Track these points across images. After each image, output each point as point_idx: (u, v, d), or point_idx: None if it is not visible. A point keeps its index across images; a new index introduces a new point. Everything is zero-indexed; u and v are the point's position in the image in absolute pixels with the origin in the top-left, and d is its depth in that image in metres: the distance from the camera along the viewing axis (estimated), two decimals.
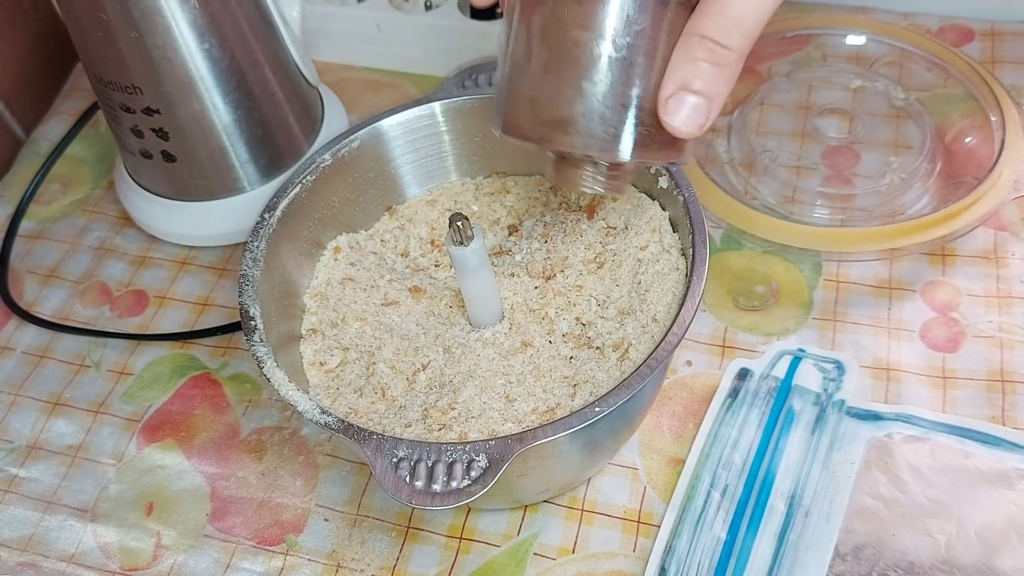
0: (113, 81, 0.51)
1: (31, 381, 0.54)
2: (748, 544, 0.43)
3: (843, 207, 0.55)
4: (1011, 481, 0.44)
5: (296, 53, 0.57)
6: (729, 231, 0.55)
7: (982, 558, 0.42)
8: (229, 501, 0.48)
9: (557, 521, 0.46)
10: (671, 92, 0.35)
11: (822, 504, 0.44)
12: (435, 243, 0.50)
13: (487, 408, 0.41)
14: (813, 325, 0.51)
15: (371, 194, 0.50)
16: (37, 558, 0.47)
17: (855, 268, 0.53)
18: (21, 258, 0.61)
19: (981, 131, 0.56)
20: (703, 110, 0.35)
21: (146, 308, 0.57)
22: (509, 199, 0.51)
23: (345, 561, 0.46)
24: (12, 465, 0.51)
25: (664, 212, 0.46)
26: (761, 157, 0.58)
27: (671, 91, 0.35)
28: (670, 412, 0.48)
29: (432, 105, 0.49)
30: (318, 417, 0.39)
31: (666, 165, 0.44)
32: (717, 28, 0.34)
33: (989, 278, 0.51)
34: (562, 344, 0.44)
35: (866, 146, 0.58)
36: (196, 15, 0.49)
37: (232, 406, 0.52)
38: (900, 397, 0.48)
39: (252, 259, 0.44)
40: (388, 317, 0.46)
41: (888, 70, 0.61)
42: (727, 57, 0.35)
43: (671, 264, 0.44)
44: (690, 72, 0.35)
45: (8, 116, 0.68)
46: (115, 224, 0.61)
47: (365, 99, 0.66)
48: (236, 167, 0.55)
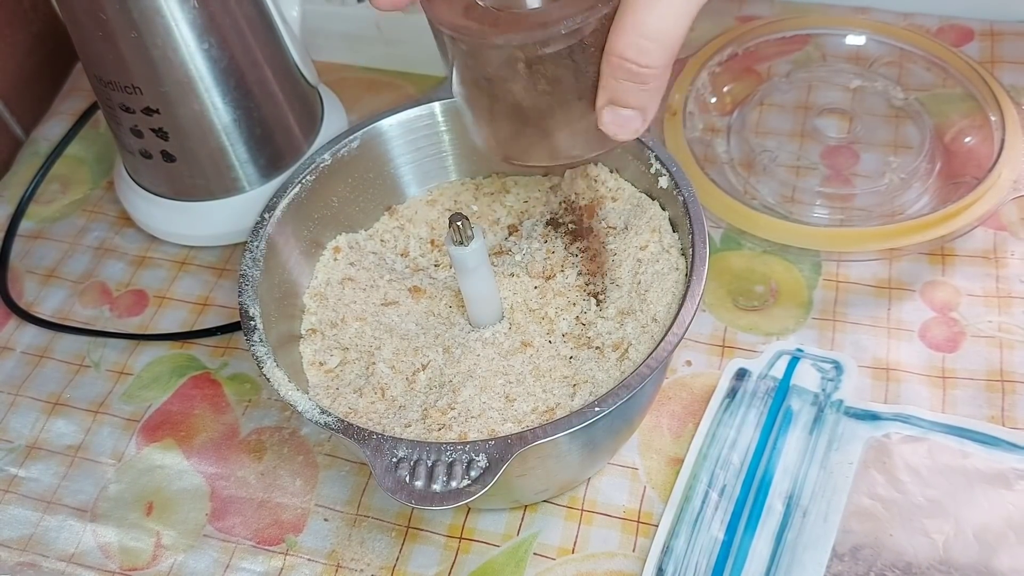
0: (113, 81, 0.51)
1: (31, 381, 0.54)
2: (746, 544, 0.43)
3: (843, 207, 0.55)
4: (1009, 481, 0.44)
5: (296, 53, 0.57)
6: (729, 231, 0.55)
7: (980, 558, 0.42)
8: (229, 501, 0.48)
9: (557, 521, 0.46)
10: (601, 105, 0.37)
11: (820, 504, 0.44)
12: (435, 243, 0.50)
13: (487, 408, 0.41)
14: (813, 325, 0.51)
15: (371, 194, 0.50)
16: (37, 558, 0.48)
17: (855, 268, 0.53)
18: (21, 258, 0.61)
19: (981, 131, 0.56)
20: (635, 119, 0.37)
21: (146, 308, 0.57)
22: (509, 199, 0.51)
23: (345, 561, 0.46)
24: (12, 465, 0.51)
25: (664, 212, 0.46)
26: (761, 157, 0.58)
27: (601, 104, 0.37)
28: (670, 412, 0.48)
29: (432, 105, 0.49)
30: (318, 417, 0.39)
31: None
32: (633, 48, 0.35)
33: (989, 278, 0.51)
34: (562, 344, 0.44)
35: (866, 146, 0.58)
36: (196, 15, 0.49)
37: (232, 406, 0.52)
38: (900, 397, 0.48)
39: (252, 259, 0.44)
40: (388, 317, 0.46)
41: (888, 70, 0.61)
42: (646, 74, 0.35)
43: (671, 264, 0.44)
44: (616, 89, 0.36)
45: (8, 116, 0.68)
46: (115, 224, 0.61)
47: (365, 99, 0.66)
48: (236, 167, 0.55)
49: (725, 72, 0.62)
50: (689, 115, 0.59)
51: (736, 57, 0.63)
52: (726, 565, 0.43)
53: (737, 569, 0.43)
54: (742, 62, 0.63)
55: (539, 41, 0.35)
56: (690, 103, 0.60)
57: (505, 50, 0.36)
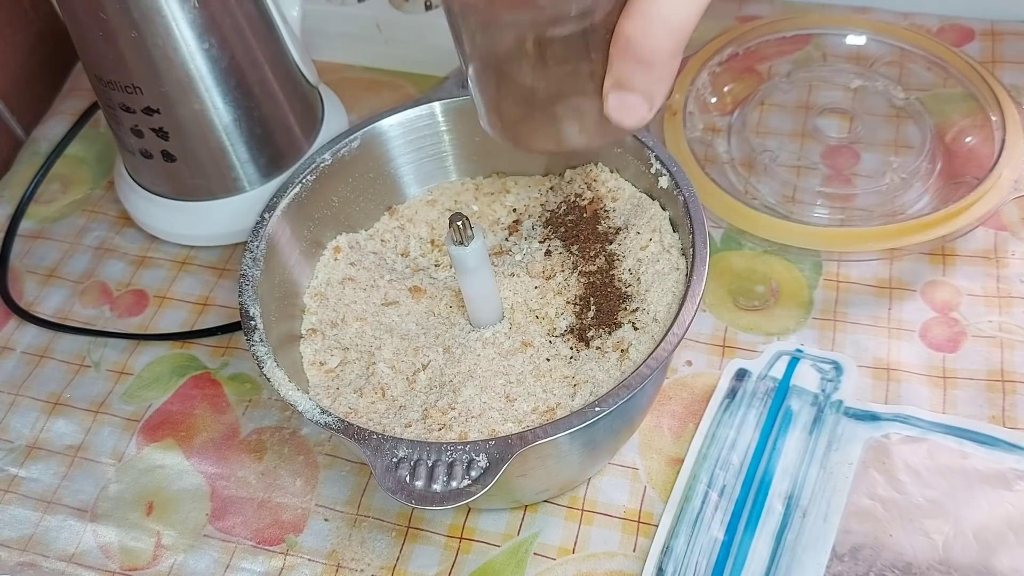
0: (113, 81, 0.51)
1: (31, 381, 0.54)
2: (745, 544, 0.43)
3: (843, 207, 0.55)
4: (1008, 482, 0.44)
5: (296, 53, 0.57)
6: (729, 231, 0.55)
7: (980, 558, 0.42)
8: (229, 501, 0.48)
9: (557, 521, 0.46)
10: (608, 90, 0.36)
11: (820, 504, 0.44)
12: (435, 243, 0.50)
13: (487, 408, 0.41)
14: (813, 325, 0.51)
15: (371, 194, 0.50)
16: (37, 558, 0.48)
17: (855, 268, 0.53)
18: (21, 258, 0.61)
19: (981, 131, 0.56)
20: (641, 106, 0.36)
21: (146, 308, 0.57)
22: (509, 199, 0.51)
23: (345, 561, 0.46)
24: (12, 465, 0.51)
25: (664, 212, 0.46)
26: (761, 157, 0.58)
27: (608, 89, 0.36)
28: (670, 412, 0.48)
29: (432, 105, 0.49)
30: (318, 417, 0.39)
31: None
32: (641, 30, 0.34)
33: (989, 278, 0.51)
34: (562, 344, 0.44)
35: (866, 146, 0.58)
36: (196, 15, 0.49)
37: (232, 406, 0.52)
38: (900, 397, 0.48)
39: (252, 259, 0.44)
40: (388, 317, 0.46)
41: (888, 70, 0.61)
42: (654, 58, 0.34)
43: (671, 264, 0.44)
44: (622, 72, 0.35)
45: (8, 116, 0.68)
46: (115, 224, 0.61)
47: (365, 99, 0.66)
48: (236, 167, 0.55)
49: (725, 72, 0.62)
50: (689, 115, 0.59)
51: (736, 57, 0.63)
52: (726, 565, 0.43)
53: (737, 569, 0.43)
54: (742, 62, 0.63)
55: (549, 20, 0.34)
56: (690, 103, 0.60)
57: (514, 28, 0.35)
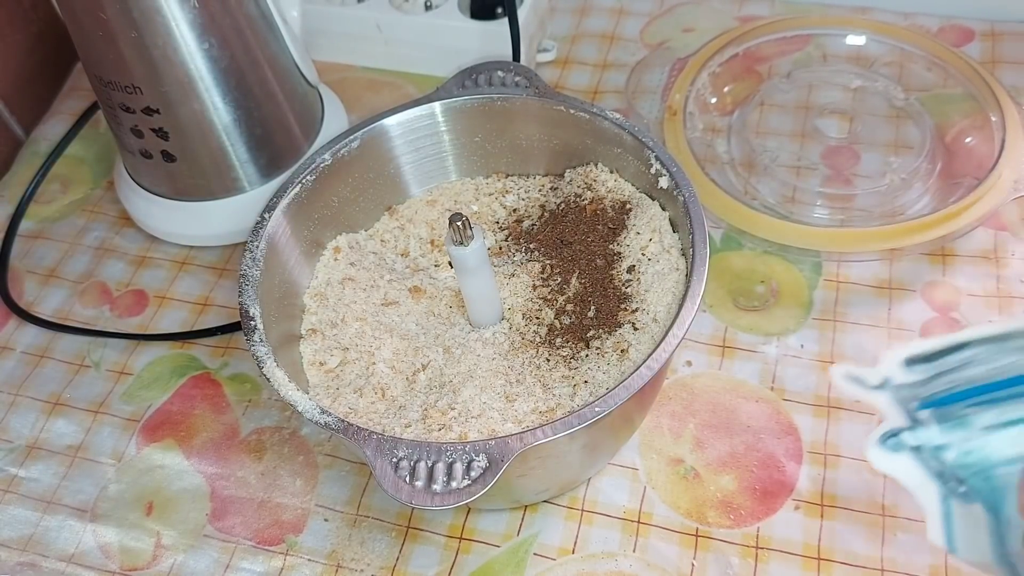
0: (113, 81, 0.51)
1: (31, 381, 0.54)
2: None
3: (843, 207, 0.55)
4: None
5: (296, 53, 0.57)
6: (729, 231, 0.55)
7: None
8: (229, 501, 0.48)
9: (557, 521, 0.46)
10: None
11: None
12: (435, 243, 0.50)
13: (487, 408, 0.41)
14: (813, 325, 0.51)
15: (371, 194, 0.50)
16: (37, 558, 0.47)
17: (855, 268, 0.53)
18: (21, 258, 0.61)
19: (981, 131, 0.56)
20: None
21: (146, 308, 0.57)
22: (509, 199, 0.51)
23: (345, 561, 0.46)
24: (12, 465, 0.51)
25: (664, 212, 0.46)
26: (761, 157, 0.58)
27: None
28: (670, 412, 0.48)
29: (432, 105, 0.49)
30: (318, 417, 0.39)
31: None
32: None
33: (989, 278, 0.51)
34: (562, 344, 0.44)
35: (866, 146, 0.58)
36: (196, 15, 0.49)
37: (232, 406, 0.52)
38: None
39: (252, 259, 0.44)
40: (388, 317, 0.46)
41: (888, 70, 0.61)
42: None
43: (671, 264, 0.44)
44: None
45: (8, 116, 0.68)
46: (115, 224, 0.61)
47: (365, 99, 0.66)
48: (236, 167, 0.55)
49: (725, 72, 0.62)
50: (689, 115, 0.59)
51: (736, 57, 0.63)
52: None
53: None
54: (742, 62, 0.63)
55: None
56: (690, 103, 0.60)
57: None
